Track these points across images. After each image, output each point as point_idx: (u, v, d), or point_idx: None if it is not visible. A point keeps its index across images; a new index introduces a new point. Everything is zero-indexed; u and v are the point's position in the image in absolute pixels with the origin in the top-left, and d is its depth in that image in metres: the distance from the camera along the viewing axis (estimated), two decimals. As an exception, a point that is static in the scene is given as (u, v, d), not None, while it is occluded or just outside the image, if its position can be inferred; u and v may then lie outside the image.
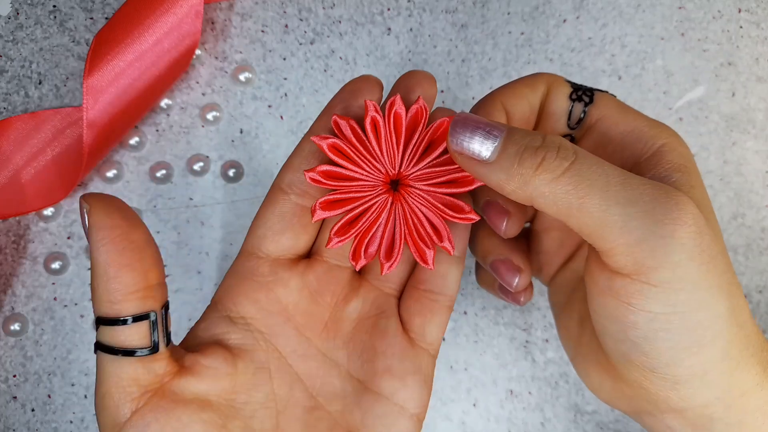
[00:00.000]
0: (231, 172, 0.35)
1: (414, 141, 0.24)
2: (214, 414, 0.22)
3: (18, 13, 0.35)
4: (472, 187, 0.24)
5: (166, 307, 0.22)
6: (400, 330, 0.26)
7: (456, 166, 0.24)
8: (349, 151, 0.23)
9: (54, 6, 0.35)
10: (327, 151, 0.23)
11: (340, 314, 0.26)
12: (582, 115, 0.25)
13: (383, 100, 0.25)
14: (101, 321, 0.21)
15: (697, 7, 0.37)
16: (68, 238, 0.35)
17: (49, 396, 0.35)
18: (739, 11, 0.37)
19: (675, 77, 0.36)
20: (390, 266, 0.24)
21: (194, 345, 0.24)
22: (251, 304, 0.24)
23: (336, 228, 0.24)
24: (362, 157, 0.23)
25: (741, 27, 0.37)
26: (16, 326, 0.34)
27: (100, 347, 0.21)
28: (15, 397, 0.35)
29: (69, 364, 0.35)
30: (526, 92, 0.25)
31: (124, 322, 0.21)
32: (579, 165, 0.20)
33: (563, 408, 0.35)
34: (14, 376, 0.35)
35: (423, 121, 0.24)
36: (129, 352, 0.21)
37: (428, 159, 0.24)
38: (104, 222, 0.21)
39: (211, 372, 0.23)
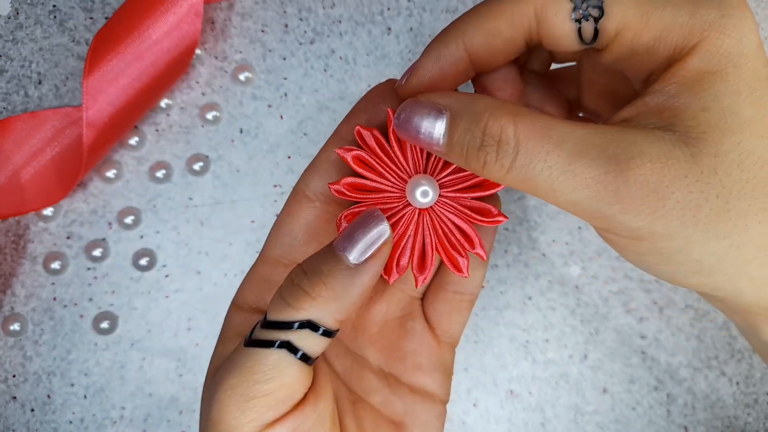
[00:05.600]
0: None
1: None
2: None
3: (18, 13, 0.35)
4: (499, 189, 0.23)
5: None
6: (427, 330, 0.27)
7: None
8: (374, 162, 0.23)
9: (54, 6, 0.35)
10: (352, 164, 0.23)
11: (366, 317, 0.27)
12: (594, 35, 0.21)
13: None
14: (306, 324, 0.20)
15: (698, 7, 0.37)
16: (68, 238, 0.35)
17: (48, 396, 0.35)
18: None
19: (675, 77, 0.36)
20: (424, 278, 0.24)
21: None
22: None
23: None
24: (387, 168, 0.23)
25: (742, 27, 0.36)
26: (15, 326, 0.34)
27: (284, 345, 0.20)
28: (15, 397, 0.35)
29: (68, 364, 0.35)
30: (500, 27, 0.21)
31: (329, 333, 0.21)
32: (520, 162, 0.19)
33: (563, 408, 0.35)
34: (14, 376, 0.35)
35: None
36: (306, 358, 0.21)
37: (452, 165, 0.23)
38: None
39: None
